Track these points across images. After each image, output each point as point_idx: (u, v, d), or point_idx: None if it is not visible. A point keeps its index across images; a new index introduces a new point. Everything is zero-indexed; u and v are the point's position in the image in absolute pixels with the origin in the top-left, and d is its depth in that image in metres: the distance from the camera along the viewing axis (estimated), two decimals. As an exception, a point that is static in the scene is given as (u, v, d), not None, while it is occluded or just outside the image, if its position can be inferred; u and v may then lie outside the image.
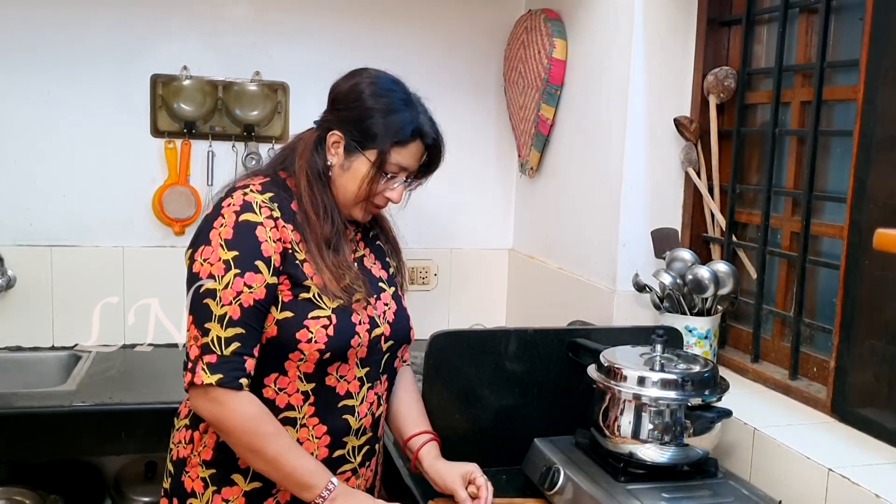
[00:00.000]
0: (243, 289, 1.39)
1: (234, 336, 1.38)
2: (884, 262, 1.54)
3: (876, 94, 1.56)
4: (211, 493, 1.48)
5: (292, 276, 1.44)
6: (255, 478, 1.47)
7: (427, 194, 2.84)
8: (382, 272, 1.63)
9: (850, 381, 1.63)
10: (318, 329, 1.44)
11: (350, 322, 1.48)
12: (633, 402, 1.53)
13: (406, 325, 1.62)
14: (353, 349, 1.48)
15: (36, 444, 2.15)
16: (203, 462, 1.49)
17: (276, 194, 1.49)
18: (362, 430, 1.53)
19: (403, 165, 1.52)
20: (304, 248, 1.47)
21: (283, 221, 1.46)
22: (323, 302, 1.46)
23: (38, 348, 2.62)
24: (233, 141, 2.72)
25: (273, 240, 1.43)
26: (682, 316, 1.95)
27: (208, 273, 1.40)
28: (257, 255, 1.41)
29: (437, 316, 2.87)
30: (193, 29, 2.66)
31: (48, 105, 2.58)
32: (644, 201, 2.17)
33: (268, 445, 1.39)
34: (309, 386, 1.47)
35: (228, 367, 1.37)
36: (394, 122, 1.49)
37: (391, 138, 1.49)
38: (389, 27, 2.79)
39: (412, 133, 1.51)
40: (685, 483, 1.53)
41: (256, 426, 1.39)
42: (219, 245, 1.41)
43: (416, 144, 1.53)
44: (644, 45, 2.11)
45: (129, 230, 2.68)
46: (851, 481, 1.39)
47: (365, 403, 1.53)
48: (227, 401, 1.38)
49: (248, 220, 1.43)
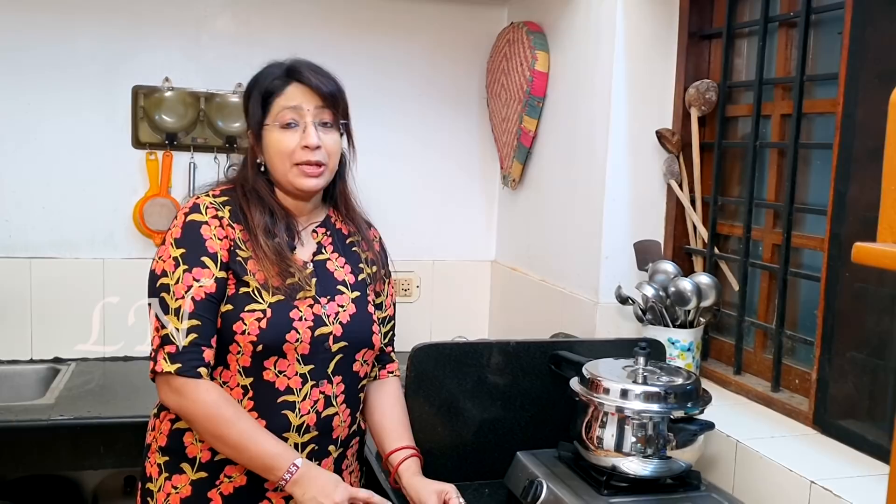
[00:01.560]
0: (192, 283, 1.47)
1: (190, 328, 1.46)
2: (864, 274, 1.55)
3: (854, 107, 1.57)
4: (164, 480, 1.55)
5: (235, 272, 1.51)
6: (201, 468, 1.52)
7: (409, 205, 2.86)
8: (349, 276, 1.63)
9: (831, 392, 1.63)
10: (251, 322, 1.48)
11: (287, 317, 1.51)
12: (616, 414, 1.53)
13: (365, 329, 1.60)
14: (291, 344, 1.50)
15: (13, 458, 2.12)
16: (159, 448, 1.57)
17: (230, 198, 1.57)
18: (305, 427, 1.53)
19: (291, 105, 1.54)
20: (251, 246, 1.53)
21: (231, 221, 1.54)
22: (260, 296, 1.50)
23: (16, 361, 2.59)
24: (214, 152, 2.71)
25: (218, 237, 1.51)
26: (664, 328, 1.96)
27: (161, 269, 1.50)
28: (203, 251, 1.50)
29: (419, 328, 2.85)
30: (175, 40, 2.65)
31: (28, 116, 2.56)
32: (626, 213, 2.17)
33: (229, 430, 1.44)
34: (247, 380, 1.51)
35: (186, 358, 1.45)
36: (261, 82, 1.58)
37: (262, 94, 1.56)
38: (372, 40, 2.79)
39: (280, 79, 1.56)
40: (668, 496, 1.53)
41: (217, 412, 1.44)
42: (170, 244, 1.51)
43: (295, 86, 1.56)
44: (626, 58, 2.13)
45: (110, 242, 2.66)
46: (833, 493, 1.39)
47: (308, 401, 1.53)
48: (188, 390, 1.44)
49: (195, 219, 1.52)
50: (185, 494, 1.52)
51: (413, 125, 2.84)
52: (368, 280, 1.67)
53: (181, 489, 1.53)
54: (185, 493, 1.52)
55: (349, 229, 1.69)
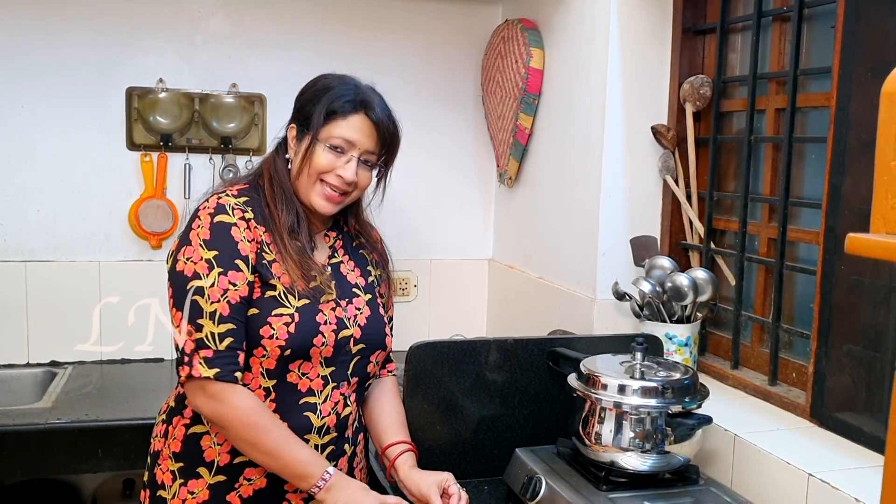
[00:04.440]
0: (228, 286, 1.45)
1: (226, 332, 1.44)
2: (859, 267, 1.56)
3: (848, 100, 1.57)
4: (178, 486, 1.53)
5: (262, 275, 1.49)
6: (219, 471, 1.51)
7: (405, 205, 2.86)
8: (360, 279, 1.66)
9: (828, 385, 1.64)
10: (279, 326, 1.47)
11: (314, 321, 1.51)
12: (614, 410, 1.53)
13: (380, 331, 1.63)
14: (317, 348, 1.51)
15: (11, 462, 2.11)
16: (172, 454, 1.54)
17: (251, 198, 1.55)
18: (325, 428, 1.54)
19: (348, 138, 1.54)
20: (275, 248, 1.52)
21: (256, 223, 1.52)
22: (287, 300, 1.50)
23: (12, 365, 2.58)
24: (210, 153, 2.71)
25: (248, 240, 1.49)
26: (661, 324, 1.96)
27: (193, 272, 1.45)
28: (236, 254, 1.47)
29: (417, 327, 2.86)
30: (169, 41, 2.64)
31: (22, 119, 2.55)
32: (623, 209, 2.18)
33: (265, 437, 1.44)
34: (270, 383, 1.50)
35: (224, 362, 1.43)
36: (332, 95, 1.55)
37: (326, 107, 1.53)
38: (367, 38, 2.79)
39: (351, 104, 1.54)
40: (667, 490, 1.53)
41: (254, 419, 1.44)
42: (199, 245, 1.47)
43: (360, 117, 1.54)
44: (620, 54, 2.13)
45: (105, 245, 2.65)
46: (831, 486, 1.40)
47: (329, 402, 1.54)
48: (226, 396, 1.43)
49: (223, 221, 1.49)
50: (202, 499, 1.51)
51: (408, 124, 2.78)
52: (376, 282, 1.69)
53: (198, 494, 1.51)
54: (202, 497, 1.51)
55: (356, 232, 1.71)
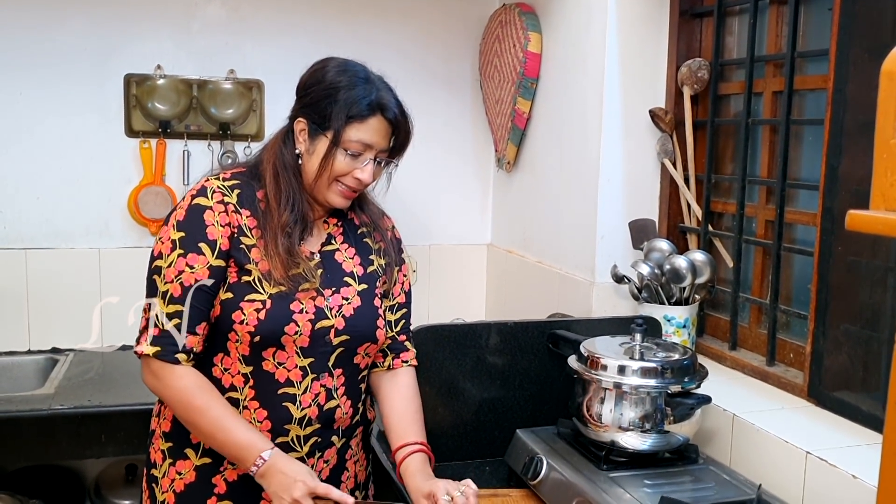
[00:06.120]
0: (185, 268, 1.46)
1: (173, 312, 1.45)
2: (856, 248, 1.57)
3: (845, 82, 1.58)
4: (168, 466, 1.55)
5: (237, 259, 1.48)
6: (204, 453, 1.53)
7: (404, 190, 2.85)
8: (358, 268, 1.60)
9: (825, 365, 1.65)
10: (250, 312, 1.47)
11: (287, 309, 1.49)
12: (614, 390, 1.54)
13: (369, 323, 1.57)
14: (290, 336, 1.49)
15: (15, 449, 2.13)
16: (163, 434, 1.56)
17: (242, 182, 1.54)
18: (307, 420, 1.52)
19: (367, 142, 1.51)
20: (258, 233, 1.50)
21: (237, 207, 1.50)
22: (261, 286, 1.48)
23: (14, 352, 2.59)
24: (208, 140, 2.71)
25: (221, 224, 1.48)
26: (660, 305, 1.97)
27: (159, 251, 1.48)
28: (202, 237, 1.47)
29: (417, 312, 2.81)
30: (167, 28, 2.64)
31: (20, 106, 2.55)
32: (621, 193, 2.19)
33: (201, 418, 1.45)
34: (248, 369, 1.50)
35: (166, 342, 1.45)
36: (349, 97, 1.50)
37: (346, 112, 1.49)
38: (364, 23, 2.78)
39: (370, 106, 1.50)
40: (667, 469, 1.55)
41: (188, 400, 1.45)
42: (172, 226, 1.49)
43: (378, 119, 1.52)
44: (618, 38, 2.13)
45: (105, 232, 2.66)
46: (829, 463, 1.42)
47: (309, 394, 1.52)
48: (164, 375, 1.45)
49: (199, 203, 1.49)
50: (189, 480, 1.53)
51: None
52: (379, 272, 1.63)
53: (185, 475, 1.53)
54: (189, 478, 1.53)
55: (361, 219, 1.66)
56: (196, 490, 1.52)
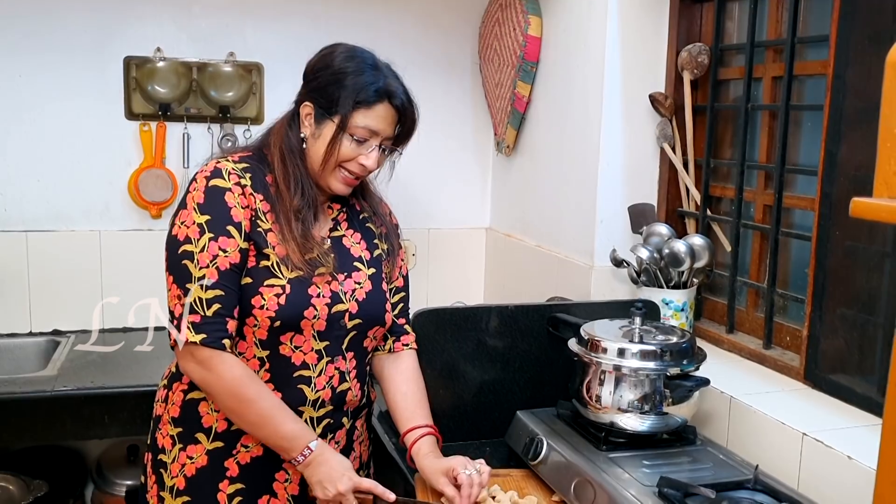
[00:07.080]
0: (218, 252, 1.44)
1: (214, 298, 1.43)
2: (854, 233, 1.59)
3: (845, 68, 1.59)
4: (178, 451, 1.55)
5: (256, 243, 1.49)
6: (217, 437, 1.53)
7: (404, 174, 2.84)
8: (365, 252, 1.63)
9: (822, 348, 1.67)
10: (270, 297, 1.47)
11: (306, 294, 1.50)
12: (614, 372, 1.56)
13: (379, 307, 1.61)
14: (308, 321, 1.50)
15: (18, 429, 2.15)
16: (172, 419, 1.56)
17: (251, 165, 1.53)
18: (320, 402, 1.55)
19: (373, 128, 1.52)
20: (272, 217, 1.50)
21: (252, 190, 1.50)
22: (280, 271, 1.49)
23: (15, 334, 2.60)
24: (208, 122, 2.71)
25: (241, 206, 1.48)
26: (658, 289, 1.99)
27: (185, 236, 1.46)
28: (228, 219, 1.46)
29: (416, 295, 2.82)
30: (167, 10, 2.63)
31: (20, 89, 2.55)
32: (620, 177, 2.20)
33: (249, 408, 1.45)
34: (264, 353, 1.51)
35: (211, 328, 1.43)
36: (357, 83, 1.50)
37: (353, 98, 1.50)
38: (363, 6, 2.78)
39: (377, 93, 1.51)
40: (665, 450, 1.57)
41: (240, 390, 1.44)
42: (193, 209, 1.47)
43: (385, 106, 1.52)
44: (618, 22, 2.13)
45: (106, 214, 2.67)
46: (825, 445, 1.44)
47: (323, 376, 1.54)
48: (214, 364, 1.44)
49: (217, 185, 1.48)
50: (201, 464, 1.53)
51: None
52: (383, 256, 1.66)
53: (197, 459, 1.53)
54: (200, 462, 1.53)
55: (362, 205, 1.68)
56: (208, 474, 1.53)
